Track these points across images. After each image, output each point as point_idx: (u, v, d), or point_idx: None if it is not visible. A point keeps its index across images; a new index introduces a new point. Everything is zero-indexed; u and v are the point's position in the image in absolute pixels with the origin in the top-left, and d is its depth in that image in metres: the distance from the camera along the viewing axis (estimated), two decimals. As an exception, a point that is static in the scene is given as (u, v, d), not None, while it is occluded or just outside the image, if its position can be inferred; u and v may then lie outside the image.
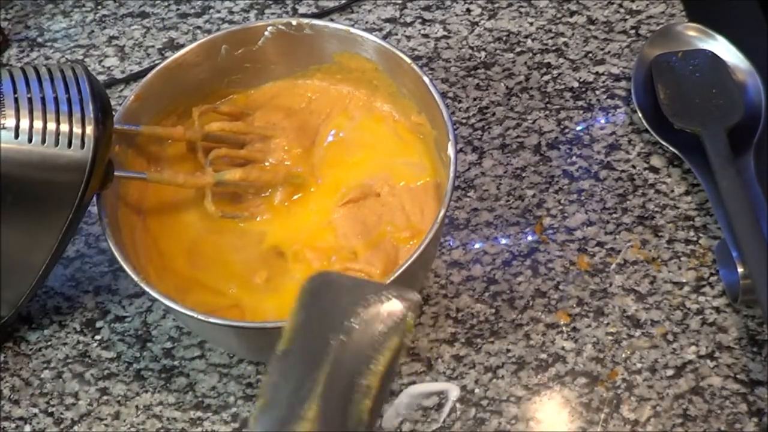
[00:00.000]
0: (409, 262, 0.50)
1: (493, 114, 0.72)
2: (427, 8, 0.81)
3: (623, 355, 0.58)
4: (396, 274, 0.49)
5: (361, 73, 0.63)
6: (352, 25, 0.80)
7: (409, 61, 0.58)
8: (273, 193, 0.60)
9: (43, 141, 0.50)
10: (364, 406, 0.35)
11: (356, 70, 0.63)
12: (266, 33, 0.61)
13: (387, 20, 0.80)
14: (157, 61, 0.79)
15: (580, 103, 0.72)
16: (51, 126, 0.51)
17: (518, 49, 0.77)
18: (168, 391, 0.59)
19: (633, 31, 0.77)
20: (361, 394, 0.35)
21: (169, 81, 0.60)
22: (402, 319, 0.37)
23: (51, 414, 0.59)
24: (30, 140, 0.50)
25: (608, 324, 0.60)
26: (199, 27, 0.82)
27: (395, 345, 0.36)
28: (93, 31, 0.83)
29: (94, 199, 0.54)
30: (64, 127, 0.51)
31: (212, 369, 0.60)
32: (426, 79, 0.57)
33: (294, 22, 0.61)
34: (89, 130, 0.51)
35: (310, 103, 0.65)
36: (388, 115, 0.63)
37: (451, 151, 0.54)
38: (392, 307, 0.37)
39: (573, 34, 0.77)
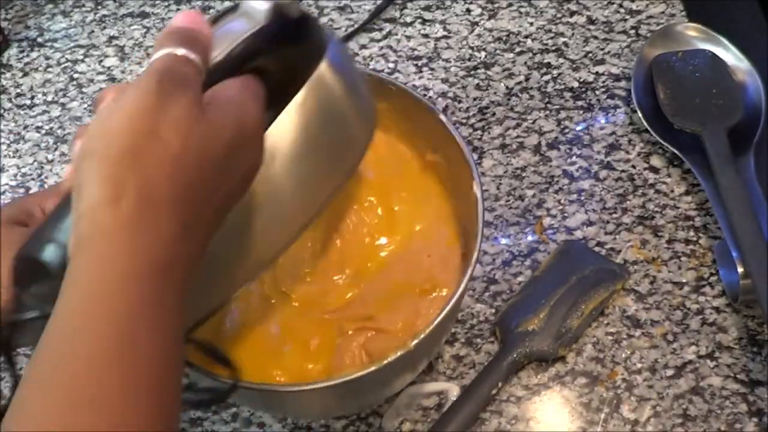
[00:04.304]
0: (439, 318, 0.48)
1: (493, 114, 0.72)
2: (427, 8, 0.81)
3: (623, 355, 0.58)
4: (427, 332, 0.47)
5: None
6: (352, 24, 0.80)
7: (424, 101, 0.56)
8: None
9: None
10: (574, 323, 0.58)
11: None
12: None
13: (387, 20, 0.80)
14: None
15: (580, 103, 0.72)
16: None
17: (518, 49, 0.77)
18: (168, 391, 0.59)
19: (633, 31, 0.77)
20: (576, 314, 0.58)
21: None
22: (616, 283, 0.60)
23: (51, 414, 0.59)
24: None
25: (608, 324, 0.60)
26: (199, 27, 0.82)
27: (605, 295, 0.60)
28: (93, 31, 0.83)
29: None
30: None
31: (212, 369, 0.60)
32: (443, 118, 0.55)
33: None
34: None
35: None
36: (403, 154, 0.60)
37: (476, 189, 0.52)
38: (614, 271, 0.61)
39: (573, 34, 0.77)
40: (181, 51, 0.36)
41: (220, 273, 0.42)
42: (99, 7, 0.85)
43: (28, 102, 0.78)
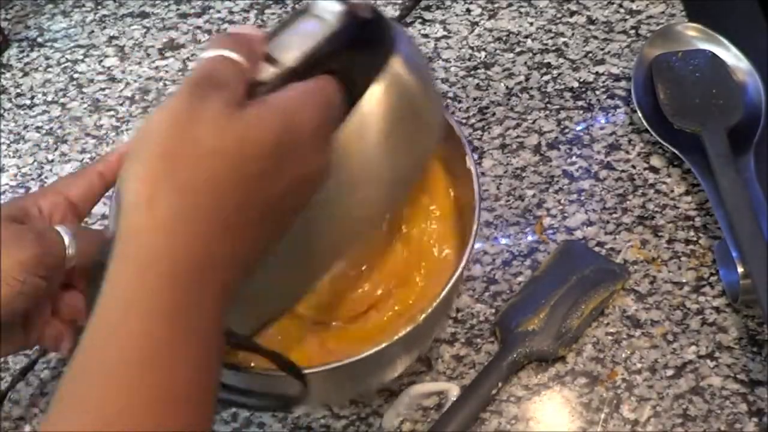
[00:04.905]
0: (432, 308, 0.47)
1: (493, 114, 0.72)
2: (427, 8, 0.81)
3: (623, 355, 0.58)
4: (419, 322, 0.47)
5: None
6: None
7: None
8: None
9: None
10: (574, 323, 0.58)
11: None
12: None
13: (387, 20, 0.80)
14: (156, 60, 0.79)
15: (580, 103, 0.72)
16: None
17: (518, 49, 0.77)
18: (168, 391, 0.59)
19: (633, 31, 0.77)
20: (576, 314, 0.58)
21: None
22: (616, 283, 0.60)
23: (51, 414, 0.59)
24: None
25: (608, 324, 0.60)
26: (199, 27, 0.82)
27: (605, 295, 0.59)
28: (93, 31, 0.83)
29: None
30: None
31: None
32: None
33: None
34: None
35: None
36: None
37: (470, 165, 0.52)
38: (614, 271, 0.61)
39: (573, 34, 0.77)
40: (223, 52, 0.36)
41: (281, 280, 0.41)
42: (99, 7, 0.85)
43: (28, 102, 0.78)
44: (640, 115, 0.69)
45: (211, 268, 0.32)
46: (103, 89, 0.78)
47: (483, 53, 0.77)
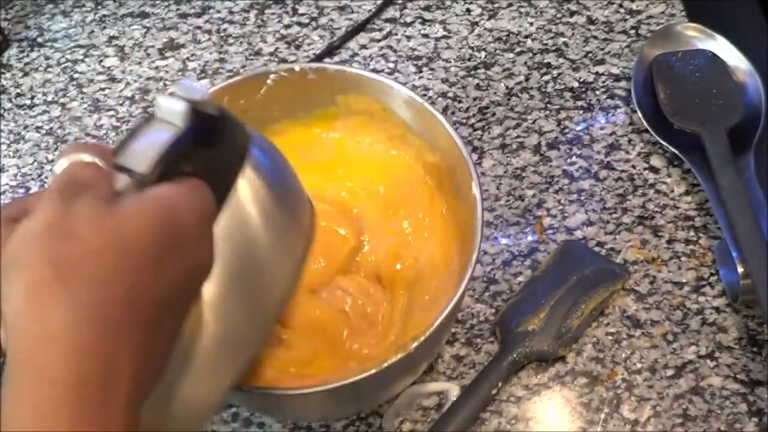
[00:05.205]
0: (439, 320, 0.48)
1: (493, 114, 0.72)
2: (427, 8, 0.81)
3: (623, 355, 0.58)
4: (426, 335, 0.47)
5: (368, 116, 0.60)
6: (352, 24, 0.80)
7: (420, 100, 0.56)
8: None
9: None
10: (574, 323, 0.58)
11: (363, 113, 0.60)
12: (268, 81, 0.59)
13: (387, 20, 0.80)
14: (156, 60, 0.79)
15: (580, 103, 0.72)
16: None
17: (518, 49, 0.77)
18: (168, 391, 0.59)
19: (633, 31, 0.77)
20: (576, 314, 0.58)
21: None
22: (616, 283, 0.60)
23: (51, 414, 0.59)
24: None
25: (608, 324, 0.60)
26: (199, 27, 0.82)
27: (605, 295, 0.59)
28: (93, 31, 0.83)
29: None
30: None
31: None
32: (441, 118, 0.55)
33: (297, 68, 0.59)
34: None
35: None
36: (401, 157, 0.60)
37: (475, 190, 0.52)
38: (614, 271, 0.61)
39: (573, 34, 0.77)
40: (78, 156, 0.35)
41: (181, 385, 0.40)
42: (99, 7, 0.85)
43: (28, 102, 0.78)
44: (640, 115, 0.69)
45: (112, 375, 0.31)
46: (103, 89, 0.78)
47: (483, 53, 0.77)
